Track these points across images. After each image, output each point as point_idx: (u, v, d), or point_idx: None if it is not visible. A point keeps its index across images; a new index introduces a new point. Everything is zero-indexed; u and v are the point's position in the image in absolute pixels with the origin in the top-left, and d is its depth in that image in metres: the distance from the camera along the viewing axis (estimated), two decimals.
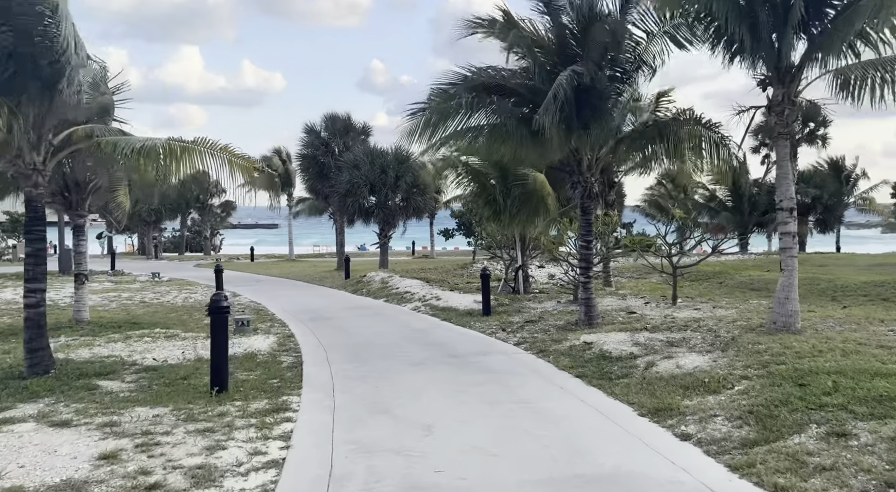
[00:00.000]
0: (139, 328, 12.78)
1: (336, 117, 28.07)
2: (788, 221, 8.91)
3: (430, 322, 13.52)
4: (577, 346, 9.26)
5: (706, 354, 7.89)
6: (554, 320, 12.15)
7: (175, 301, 18.22)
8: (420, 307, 15.87)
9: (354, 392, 7.40)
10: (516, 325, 12.07)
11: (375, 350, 10.12)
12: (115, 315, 14.95)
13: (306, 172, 28.50)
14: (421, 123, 10.81)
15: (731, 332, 8.87)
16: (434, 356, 9.41)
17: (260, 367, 9.03)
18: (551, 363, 8.60)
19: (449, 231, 34.05)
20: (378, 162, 25.80)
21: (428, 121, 10.80)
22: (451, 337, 11.36)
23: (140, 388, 7.71)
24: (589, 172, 10.91)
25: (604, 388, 7.14)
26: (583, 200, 10.96)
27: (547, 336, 10.52)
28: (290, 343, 11.09)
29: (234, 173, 8.63)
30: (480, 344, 10.48)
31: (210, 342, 7.47)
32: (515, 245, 18.07)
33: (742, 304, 12.76)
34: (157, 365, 9.06)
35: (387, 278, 20.76)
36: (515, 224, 16.74)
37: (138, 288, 21.89)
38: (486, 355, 9.34)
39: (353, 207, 25.98)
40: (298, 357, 9.74)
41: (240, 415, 6.48)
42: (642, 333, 9.38)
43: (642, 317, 11.50)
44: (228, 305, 7.41)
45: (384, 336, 11.52)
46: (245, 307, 16.50)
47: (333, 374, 8.43)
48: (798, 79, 8.73)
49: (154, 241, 44.00)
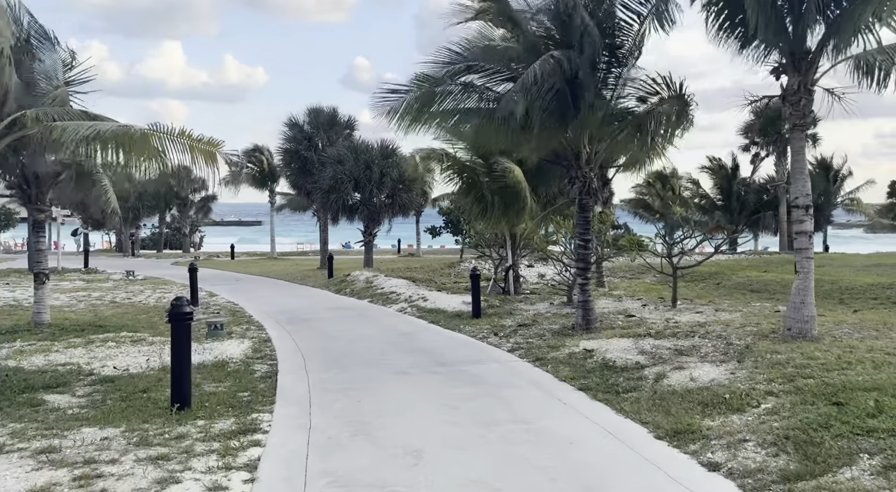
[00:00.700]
0: (104, 331, 11.88)
1: (320, 111, 27.18)
2: (804, 219, 8.27)
3: (416, 325, 12.77)
4: (577, 353, 8.56)
5: (721, 364, 7.22)
6: (549, 324, 11.45)
7: (147, 302, 17.28)
8: (406, 309, 15.11)
9: (333, 408, 6.63)
10: (509, 328, 11.36)
11: (358, 357, 9.35)
12: (80, 317, 14.01)
13: (288, 167, 27.58)
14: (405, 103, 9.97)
15: (744, 339, 8.22)
16: (421, 364, 8.66)
17: (230, 377, 8.22)
18: (550, 373, 7.88)
19: (436, 229, 33.27)
20: (363, 157, 24.96)
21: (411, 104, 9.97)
22: (440, 342, 10.61)
23: (92, 403, 6.87)
24: (587, 167, 10.21)
25: (611, 403, 6.44)
26: (581, 197, 10.26)
27: (543, 342, 9.81)
28: (266, 349, 10.27)
29: (196, 159, 7.79)
30: (471, 350, 9.74)
31: (171, 353, 6.64)
32: (505, 244, 17.38)
33: (744, 307, 12.16)
34: (116, 375, 8.20)
35: (371, 278, 19.96)
36: (504, 222, 16.05)
37: (110, 287, 20.88)
38: (478, 364, 8.60)
39: (336, 203, 25.13)
40: (274, 365, 8.94)
41: (201, 437, 5.68)
42: (646, 340, 8.70)
43: (643, 321, 10.83)
44: (192, 310, 6.60)
45: (368, 341, 10.75)
46: (221, 308, 15.62)
47: (311, 385, 7.64)
48: (815, 66, 8.08)
49: (132, 238, 42.72)
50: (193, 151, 7.89)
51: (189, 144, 7.90)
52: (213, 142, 8.21)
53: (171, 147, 7.84)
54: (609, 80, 9.79)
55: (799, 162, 8.29)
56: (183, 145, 7.90)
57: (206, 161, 8.10)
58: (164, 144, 7.74)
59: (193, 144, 7.91)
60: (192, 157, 7.90)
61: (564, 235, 13.24)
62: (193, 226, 49.28)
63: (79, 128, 7.52)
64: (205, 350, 10.22)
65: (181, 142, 7.85)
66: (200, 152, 7.97)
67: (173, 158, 7.91)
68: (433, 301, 15.48)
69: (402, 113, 10.03)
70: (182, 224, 46.78)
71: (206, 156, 7.98)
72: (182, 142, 7.87)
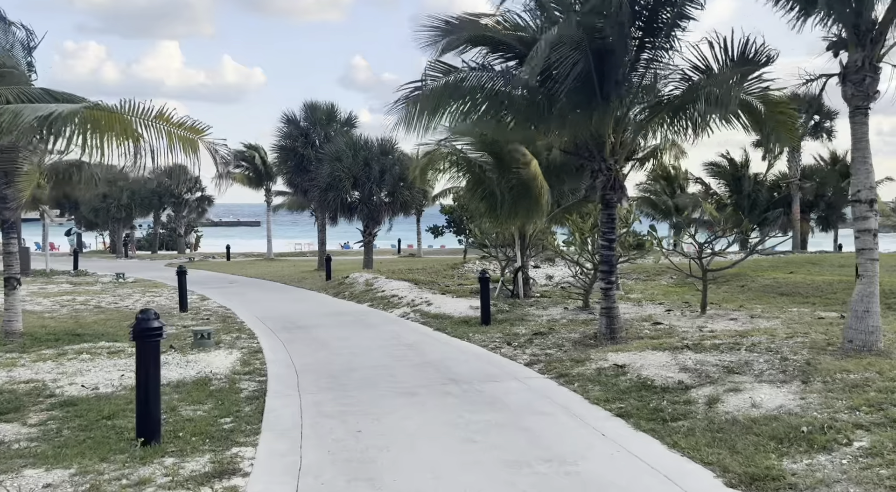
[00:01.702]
0: (81, 341, 10.86)
1: (316, 106, 26.09)
2: (868, 215, 7.23)
3: (421, 333, 11.74)
4: (607, 369, 7.52)
5: (782, 385, 6.19)
6: (566, 332, 10.42)
7: (135, 306, 16.22)
8: (409, 314, 14.08)
9: (328, 440, 5.60)
10: (523, 338, 10.33)
11: (358, 372, 8.31)
12: (59, 324, 12.97)
13: (284, 164, 26.48)
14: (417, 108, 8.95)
15: (799, 353, 7.18)
16: (430, 382, 7.62)
17: (212, 397, 7.18)
18: (578, 394, 6.85)
19: (438, 228, 32.20)
20: (362, 154, 23.89)
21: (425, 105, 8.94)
22: (449, 354, 9.58)
23: (44, 435, 5.83)
24: (613, 158, 9.17)
25: (660, 435, 5.40)
26: (605, 192, 9.23)
27: (564, 354, 8.77)
28: (256, 362, 9.24)
29: (173, 146, 6.74)
30: (485, 364, 8.71)
31: (136, 378, 5.60)
32: (514, 243, 16.35)
33: (781, 312, 11.13)
34: (80, 397, 7.16)
35: (372, 280, 18.93)
36: (514, 220, 15.02)
37: (98, 290, 19.84)
38: (494, 381, 7.56)
39: (334, 202, 24.05)
40: (263, 383, 7.91)
41: (168, 484, 4.65)
42: (685, 354, 7.66)
43: (672, 329, 9.81)
44: (161, 325, 5.56)
45: (369, 352, 9.71)
46: (211, 314, 14.59)
47: (304, 408, 6.61)
48: (883, 38, 7.05)
49: (125, 238, 41.65)
50: (171, 137, 6.83)
51: (166, 130, 6.84)
52: (195, 127, 7.16)
53: (146, 132, 6.77)
54: (643, 56, 8.72)
55: (862, 150, 7.26)
56: (159, 130, 6.84)
57: (185, 150, 7.05)
58: (138, 128, 6.67)
59: (172, 129, 6.85)
60: (170, 143, 6.84)
61: (580, 235, 12.19)
62: (189, 226, 48.22)
63: (38, 110, 6.48)
64: (188, 363, 9.20)
65: (156, 125, 6.79)
66: (179, 140, 6.92)
67: (152, 144, 6.82)
68: (438, 305, 14.45)
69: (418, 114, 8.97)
70: (177, 224, 45.70)
71: (187, 144, 6.93)
72: (158, 126, 6.81)
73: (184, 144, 6.98)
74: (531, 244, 16.19)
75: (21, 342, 10.59)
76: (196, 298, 17.43)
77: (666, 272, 17.91)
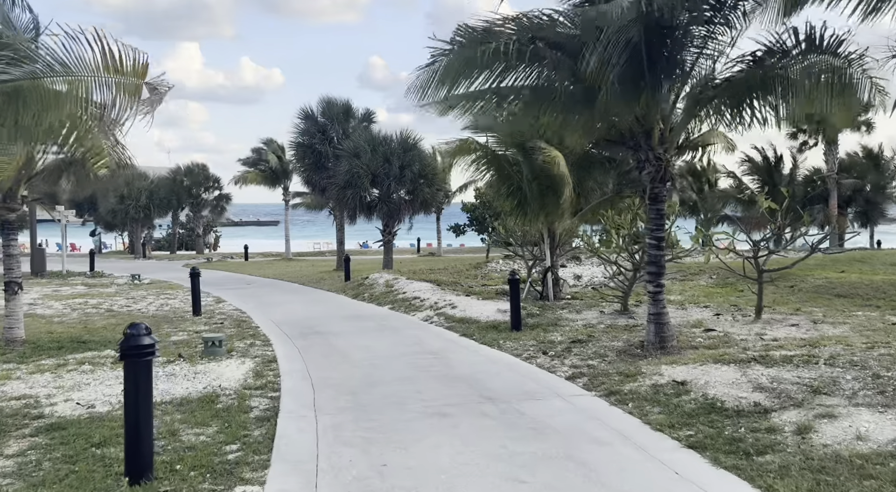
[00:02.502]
0: (85, 350, 10.19)
1: (333, 102, 25.35)
2: None
3: (447, 339, 10.88)
4: (664, 386, 6.59)
5: (886, 410, 5.22)
6: (608, 340, 9.49)
7: (147, 310, 15.63)
8: (433, 317, 13.24)
9: (348, 477, 4.76)
10: (560, 346, 9.42)
11: (380, 387, 7.47)
12: (66, 330, 12.34)
13: (301, 162, 25.78)
14: (440, 69, 8.01)
15: (892, 369, 6.19)
16: (462, 400, 6.75)
17: (218, 418, 6.38)
18: (635, 417, 5.93)
19: (460, 227, 31.30)
20: (381, 150, 23.09)
21: (449, 69, 8.01)
22: (479, 364, 8.71)
23: (20, 469, 5.06)
24: (662, 147, 8.21)
25: (747, 475, 4.47)
26: (653, 185, 8.27)
27: (609, 366, 7.85)
28: (270, 373, 8.46)
29: (119, 99, 5.83)
30: (521, 377, 7.82)
31: (124, 406, 4.81)
32: (541, 242, 15.43)
33: (845, 317, 10.08)
34: (71, 418, 6.41)
35: (392, 281, 18.11)
36: (541, 217, 14.10)
37: (112, 293, 19.30)
38: (535, 400, 6.67)
39: (353, 200, 23.29)
40: (276, 399, 7.10)
41: None
42: (754, 368, 6.69)
43: (728, 337, 8.84)
44: (153, 341, 4.76)
45: (391, 363, 8.88)
46: (226, 318, 13.89)
47: (320, 434, 5.78)
48: None
49: (143, 238, 41.40)
50: (120, 89, 5.92)
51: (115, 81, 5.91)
52: (136, 69, 6.20)
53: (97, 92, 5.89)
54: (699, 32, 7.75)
55: None
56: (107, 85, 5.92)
57: (130, 98, 6.14)
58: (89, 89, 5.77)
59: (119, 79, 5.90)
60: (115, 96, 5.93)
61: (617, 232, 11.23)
62: (208, 226, 47.91)
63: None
64: (196, 375, 8.45)
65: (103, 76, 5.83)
66: (125, 90, 6.03)
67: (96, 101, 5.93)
68: (463, 308, 13.59)
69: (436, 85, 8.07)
70: (195, 224, 45.38)
71: (129, 92, 6.02)
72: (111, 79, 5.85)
73: (128, 92, 6.10)
74: (561, 242, 15.26)
75: (21, 351, 9.94)
76: (211, 301, 16.79)
77: (704, 272, 16.84)
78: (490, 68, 8.01)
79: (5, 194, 10.17)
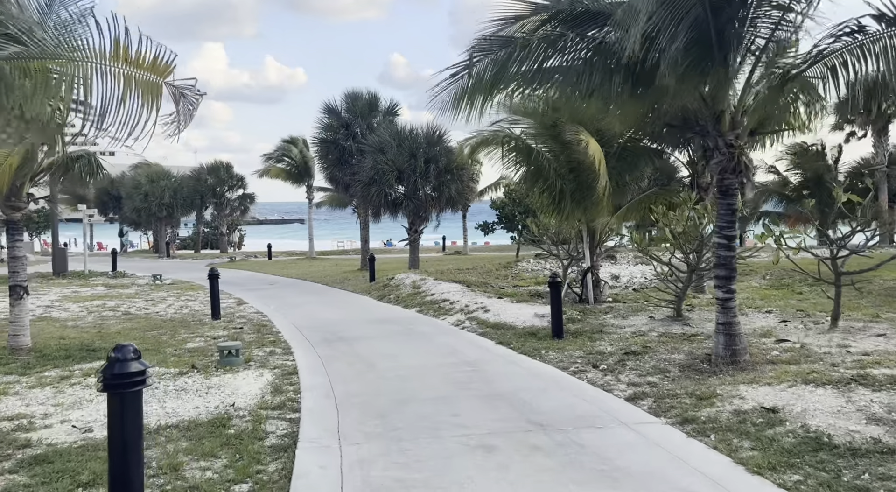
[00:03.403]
0: (94, 359, 9.49)
1: (357, 95, 24.53)
2: None
3: (481, 347, 9.96)
4: (749, 412, 5.57)
5: None
6: (666, 352, 8.46)
7: (166, 312, 14.98)
8: (464, 322, 12.32)
9: None
10: (611, 358, 8.42)
11: (412, 407, 6.58)
12: (79, 335, 11.69)
13: (325, 158, 25.01)
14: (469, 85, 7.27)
15: None
16: (508, 427, 5.81)
17: (229, 447, 5.54)
18: (721, 452, 4.92)
19: (489, 225, 30.27)
20: (406, 144, 22.19)
21: (479, 79, 7.24)
22: (521, 379, 7.76)
23: None
24: (733, 133, 7.15)
25: None
26: (723, 176, 7.22)
27: (675, 385, 6.83)
28: (290, 388, 7.62)
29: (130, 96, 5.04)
30: (571, 396, 6.84)
31: (108, 450, 3.97)
32: (581, 240, 14.40)
33: None
34: (64, 446, 5.62)
35: (419, 282, 17.24)
36: (579, 214, 13.07)
37: (132, 294, 18.75)
38: (594, 428, 5.70)
39: (378, 197, 22.45)
40: (295, 422, 6.25)
41: None
42: (858, 392, 5.63)
43: (807, 350, 7.74)
44: (144, 368, 3.91)
45: (423, 376, 7.98)
46: (246, 322, 13.15)
47: (345, 471, 4.90)
48: None
49: (168, 237, 41.18)
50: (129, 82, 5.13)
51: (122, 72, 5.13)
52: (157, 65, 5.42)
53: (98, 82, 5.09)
54: None
55: None
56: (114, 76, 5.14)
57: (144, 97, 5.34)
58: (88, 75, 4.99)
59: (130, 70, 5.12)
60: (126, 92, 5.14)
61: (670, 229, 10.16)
62: (233, 225, 47.62)
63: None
64: (209, 391, 7.65)
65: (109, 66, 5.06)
66: (139, 85, 5.22)
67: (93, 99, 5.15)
68: (496, 312, 12.66)
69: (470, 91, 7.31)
70: (220, 223, 45.08)
71: (146, 89, 5.22)
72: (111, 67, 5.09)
73: (143, 91, 5.27)
74: (601, 241, 14.22)
75: (26, 361, 9.26)
76: (232, 303, 16.11)
77: (756, 272, 15.65)
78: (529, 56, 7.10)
79: (9, 192, 9.53)
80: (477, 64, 6.94)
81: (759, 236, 8.55)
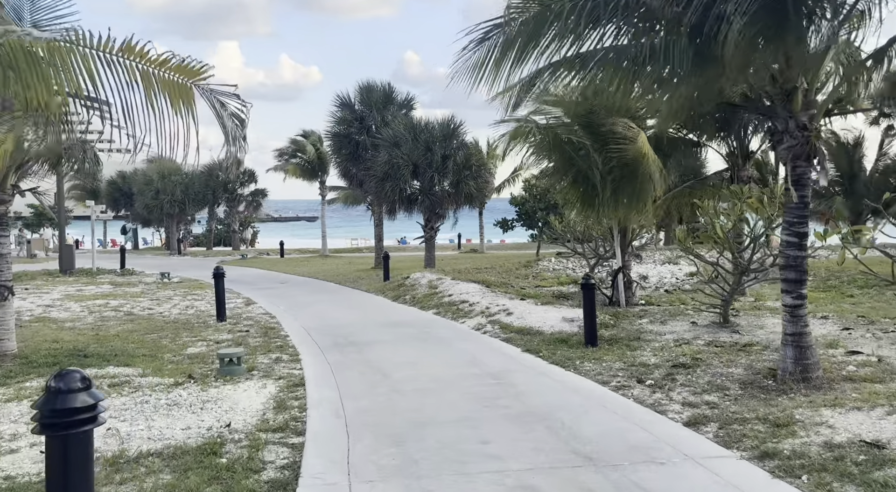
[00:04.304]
0: (84, 366, 8.63)
1: (372, 87, 23.64)
2: None
3: (507, 355, 9.02)
4: (844, 446, 4.58)
5: None
6: (721, 365, 7.45)
7: (170, 313, 14.21)
8: (485, 326, 11.39)
9: None
10: (657, 371, 7.44)
11: (432, 430, 5.66)
12: (74, 338, 10.91)
13: (338, 153, 24.17)
14: (497, 45, 6.33)
15: None
16: (550, 459, 4.87)
17: (217, 484, 4.66)
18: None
19: (508, 222, 29.28)
20: (422, 138, 21.28)
21: (508, 44, 6.31)
22: (556, 394, 6.81)
23: None
24: (806, 114, 6.13)
25: None
26: (795, 164, 6.21)
27: (740, 406, 5.83)
28: (295, 404, 6.74)
29: (155, 97, 4.21)
30: (619, 419, 5.88)
31: None
32: (610, 239, 13.41)
33: None
34: (22, 481, 4.77)
35: (435, 281, 16.33)
36: (616, 210, 12.05)
37: (138, 292, 18.04)
38: (655, 464, 4.73)
39: (392, 193, 21.56)
40: (298, 449, 5.35)
41: None
42: None
43: (888, 364, 6.71)
44: (95, 402, 3.02)
45: (443, 390, 7.06)
46: (253, 324, 12.32)
47: None
48: None
49: (180, 234, 40.64)
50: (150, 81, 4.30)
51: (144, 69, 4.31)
52: (188, 67, 4.59)
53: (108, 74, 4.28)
54: None
55: None
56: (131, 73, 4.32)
57: (174, 103, 4.50)
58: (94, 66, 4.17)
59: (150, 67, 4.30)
60: (147, 93, 4.31)
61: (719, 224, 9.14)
62: (246, 221, 47.03)
63: None
64: (204, 406, 6.79)
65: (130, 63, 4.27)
66: (163, 85, 4.38)
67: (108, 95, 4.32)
68: (520, 315, 11.71)
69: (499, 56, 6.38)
70: (231, 220, 44.50)
71: (172, 90, 4.38)
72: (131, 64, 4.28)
73: (171, 94, 4.45)
74: (633, 239, 13.21)
75: (8, 369, 8.45)
76: (240, 303, 15.33)
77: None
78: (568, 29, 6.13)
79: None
80: (511, 23, 5.98)
81: (818, 234, 7.52)
